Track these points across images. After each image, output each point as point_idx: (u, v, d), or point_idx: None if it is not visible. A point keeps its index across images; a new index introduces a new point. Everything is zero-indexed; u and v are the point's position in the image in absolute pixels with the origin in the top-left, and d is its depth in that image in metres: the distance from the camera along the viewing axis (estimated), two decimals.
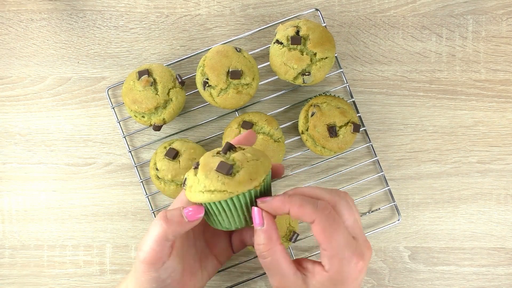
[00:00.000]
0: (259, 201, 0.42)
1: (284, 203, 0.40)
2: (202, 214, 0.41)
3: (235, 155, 0.42)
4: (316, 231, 0.40)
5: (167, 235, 0.41)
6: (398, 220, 0.66)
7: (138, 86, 0.60)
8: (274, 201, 0.41)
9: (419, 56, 0.67)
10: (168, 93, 0.60)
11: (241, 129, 0.61)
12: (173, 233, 0.41)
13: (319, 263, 0.41)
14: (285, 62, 0.60)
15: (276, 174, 0.46)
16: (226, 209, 0.41)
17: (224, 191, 0.40)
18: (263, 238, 0.40)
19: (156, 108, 0.60)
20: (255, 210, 0.41)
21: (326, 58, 0.60)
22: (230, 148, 0.43)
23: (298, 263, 0.43)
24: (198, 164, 0.43)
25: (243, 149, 0.43)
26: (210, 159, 0.42)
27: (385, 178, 0.66)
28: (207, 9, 0.67)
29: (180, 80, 0.62)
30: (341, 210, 0.41)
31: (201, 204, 0.42)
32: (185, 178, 0.43)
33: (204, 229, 0.49)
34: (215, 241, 0.49)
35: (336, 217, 0.40)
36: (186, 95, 0.64)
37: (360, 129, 0.63)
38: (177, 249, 0.44)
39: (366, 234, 0.63)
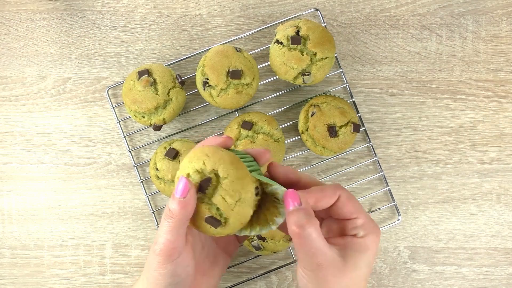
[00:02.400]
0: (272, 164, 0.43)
1: (309, 194, 0.42)
2: (189, 187, 0.40)
3: (217, 202, 0.41)
4: (343, 204, 0.42)
5: (178, 224, 0.41)
6: (398, 220, 0.66)
7: (138, 86, 0.60)
8: (303, 194, 0.42)
9: (419, 56, 0.67)
10: (168, 93, 0.60)
11: (241, 129, 0.61)
12: (180, 220, 0.41)
13: (347, 236, 0.43)
14: (285, 62, 0.60)
15: (260, 161, 0.45)
16: None
17: (221, 232, 0.41)
18: (303, 216, 0.40)
19: (156, 108, 0.60)
20: (290, 192, 0.41)
21: (326, 58, 0.60)
22: (206, 185, 0.42)
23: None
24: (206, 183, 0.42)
25: (219, 182, 0.41)
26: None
27: (385, 178, 0.66)
28: (207, 9, 0.67)
29: (180, 80, 0.62)
30: (347, 198, 0.44)
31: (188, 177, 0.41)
32: None
33: None
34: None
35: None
36: (186, 95, 0.64)
37: (360, 129, 0.63)
38: (190, 242, 0.44)
39: None
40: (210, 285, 0.47)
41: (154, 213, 0.66)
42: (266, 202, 0.45)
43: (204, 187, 0.40)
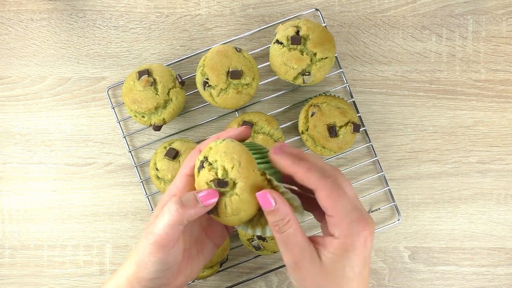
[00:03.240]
0: (273, 151, 0.43)
1: (293, 165, 0.42)
2: (216, 198, 0.41)
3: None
4: (321, 198, 0.41)
5: (182, 220, 0.41)
6: (398, 220, 0.66)
7: (138, 86, 0.60)
8: (284, 159, 0.42)
9: (419, 56, 0.67)
10: (168, 93, 0.60)
11: None
12: (188, 218, 0.42)
13: (328, 235, 0.42)
14: (285, 62, 0.60)
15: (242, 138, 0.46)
16: None
17: (233, 219, 0.42)
18: (279, 216, 0.41)
19: (156, 108, 0.60)
20: (260, 196, 0.41)
21: (326, 58, 0.60)
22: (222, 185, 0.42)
23: (310, 240, 0.44)
24: (203, 162, 0.42)
25: (233, 188, 0.42)
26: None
27: (385, 178, 0.66)
28: (207, 9, 0.67)
29: (180, 80, 0.62)
30: (342, 182, 0.43)
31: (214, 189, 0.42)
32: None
33: None
34: (210, 224, 0.49)
35: (340, 185, 0.42)
36: (186, 95, 0.64)
37: (360, 129, 0.63)
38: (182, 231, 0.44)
39: None
40: (192, 271, 0.47)
41: None
42: None
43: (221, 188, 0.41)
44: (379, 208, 0.66)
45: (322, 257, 0.41)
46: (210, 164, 0.41)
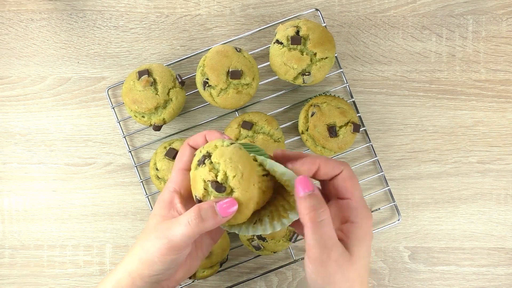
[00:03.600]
0: (279, 151, 0.44)
1: (314, 163, 0.43)
2: (235, 208, 0.41)
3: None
4: (344, 178, 0.43)
5: (200, 232, 0.42)
6: (398, 220, 0.66)
7: (138, 86, 0.60)
8: (305, 164, 0.43)
9: (419, 56, 0.67)
10: (168, 93, 0.60)
11: (241, 129, 0.61)
12: (206, 230, 0.42)
13: (343, 224, 0.43)
14: (285, 62, 0.60)
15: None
16: None
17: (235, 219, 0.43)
18: (317, 202, 0.41)
19: (156, 108, 0.60)
20: (301, 179, 0.41)
21: (326, 58, 0.60)
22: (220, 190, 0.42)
23: None
24: (205, 157, 0.42)
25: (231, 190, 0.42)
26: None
27: (385, 178, 0.66)
28: (207, 9, 0.67)
29: (180, 80, 0.62)
30: (351, 177, 0.44)
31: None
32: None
33: None
34: None
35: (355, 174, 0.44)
36: (186, 95, 0.64)
37: (360, 129, 0.63)
38: None
39: None
40: (191, 267, 0.47)
41: None
42: (276, 198, 0.45)
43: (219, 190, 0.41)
44: (379, 208, 0.66)
45: (350, 247, 0.42)
46: (212, 163, 0.41)
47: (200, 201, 0.42)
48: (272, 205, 0.45)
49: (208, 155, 0.41)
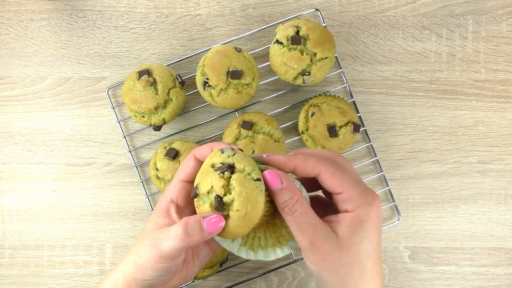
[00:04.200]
0: (265, 155, 0.43)
1: (289, 159, 0.42)
2: (223, 224, 0.41)
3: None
4: (326, 180, 0.42)
5: (188, 246, 0.42)
6: (398, 220, 0.66)
7: (138, 86, 0.60)
8: (279, 158, 0.43)
9: (419, 56, 0.67)
10: (168, 93, 0.60)
11: (241, 129, 0.61)
12: (193, 244, 0.42)
13: (341, 211, 0.43)
14: (285, 62, 0.60)
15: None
16: None
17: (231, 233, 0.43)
18: (287, 194, 0.41)
19: (156, 108, 0.60)
20: (267, 174, 0.41)
21: (326, 58, 0.60)
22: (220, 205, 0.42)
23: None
24: (228, 169, 0.42)
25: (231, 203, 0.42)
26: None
27: (385, 178, 0.66)
28: (207, 9, 0.67)
29: (180, 80, 0.62)
30: (341, 162, 0.44)
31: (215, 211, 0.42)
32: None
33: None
34: None
35: (339, 164, 0.43)
36: (186, 95, 0.64)
37: (360, 129, 0.63)
38: None
39: None
40: (187, 274, 0.47)
41: None
42: (275, 225, 0.45)
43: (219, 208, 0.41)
44: None
45: (338, 233, 0.41)
46: (230, 179, 0.41)
47: (196, 194, 0.42)
48: (270, 224, 0.45)
49: (231, 170, 0.41)
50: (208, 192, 0.42)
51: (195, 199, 0.43)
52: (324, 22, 0.66)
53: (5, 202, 0.67)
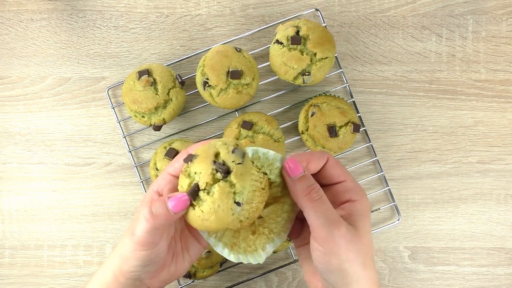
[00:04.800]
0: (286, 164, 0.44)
1: (302, 160, 0.43)
2: (186, 206, 0.41)
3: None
4: (332, 167, 0.44)
5: (156, 227, 0.42)
6: (398, 220, 0.66)
7: (138, 86, 0.60)
8: (294, 160, 0.43)
9: (419, 56, 0.67)
10: (168, 93, 0.60)
11: (241, 129, 0.61)
12: (162, 225, 0.42)
13: (346, 204, 0.44)
14: (285, 62, 0.60)
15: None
16: None
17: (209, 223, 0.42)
18: (309, 181, 0.42)
19: (156, 108, 0.60)
20: (291, 161, 0.42)
21: (326, 58, 0.60)
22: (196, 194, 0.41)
23: None
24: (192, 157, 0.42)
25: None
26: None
27: (385, 178, 0.66)
28: (207, 9, 0.67)
29: (180, 80, 0.62)
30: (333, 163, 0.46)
31: (186, 193, 0.41)
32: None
33: None
34: None
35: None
36: (186, 95, 0.64)
37: (360, 129, 0.63)
38: (166, 230, 0.45)
39: None
40: (177, 269, 0.47)
41: None
42: (259, 225, 0.45)
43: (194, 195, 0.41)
44: (379, 208, 0.66)
45: (355, 224, 0.42)
46: (215, 181, 0.40)
47: (188, 162, 0.42)
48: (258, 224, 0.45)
49: (225, 176, 0.40)
50: (195, 173, 0.41)
51: (183, 168, 0.42)
52: (324, 22, 0.66)
53: (5, 202, 0.67)
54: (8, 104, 0.67)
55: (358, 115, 0.66)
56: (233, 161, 0.40)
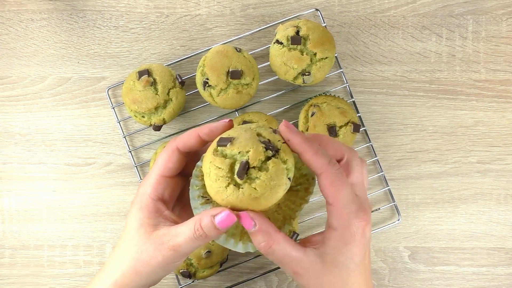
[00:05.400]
0: (284, 125, 0.41)
1: (303, 143, 0.40)
2: (234, 222, 0.40)
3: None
4: (324, 184, 0.40)
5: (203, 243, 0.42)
6: (398, 220, 0.66)
7: (138, 86, 0.60)
8: (295, 136, 0.41)
9: (419, 56, 0.67)
10: (168, 93, 0.60)
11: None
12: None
13: (326, 230, 0.42)
14: (285, 62, 0.60)
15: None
16: None
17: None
18: (261, 237, 0.40)
19: (156, 108, 0.60)
20: (241, 216, 0.40)
21: (326, 58, 0.60)
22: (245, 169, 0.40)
23: (306, 242, 0.43)
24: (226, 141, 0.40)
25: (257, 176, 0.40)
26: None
27: (385, 178, 0.66)
28: (207, 9, 0.67)
29: (180, 80, 0.62)
30: (353, 166, 0.43)
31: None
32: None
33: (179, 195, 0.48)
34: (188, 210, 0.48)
35: (344, 174, 0.41)
36: (186, 95, 0.64)
37: (360, 129, 0.63)
38: None
39: None
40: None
41: None
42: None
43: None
44: (379, 208, 0.66)
45: (322, 255, 0.41)
46: (266, 159, 0.39)
47: (224, 145, 0.40)
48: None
49: (274, 154, 0.39)
50: (239, 153, 0.39)
51: (211, 149, 0.40)
52: (324, 22, 0.66)
53: (5, 202, 0.67)
54: (8, 104, 0.67)
55: (358, 115, 0.66)
56: (278, 140, 0.40)
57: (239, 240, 0.43)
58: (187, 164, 0.46)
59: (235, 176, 0.39)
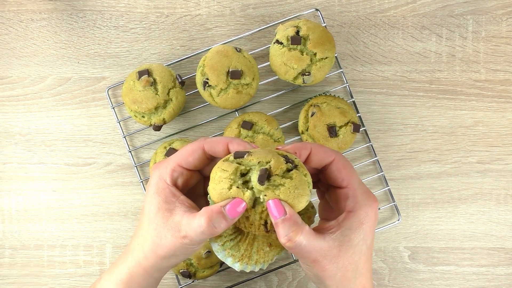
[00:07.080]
0: (280, 147, 0.43)
1: (306, 147, 0.43)
2: (244, 206, 0.40)
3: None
4: (337, 168, 0.43)
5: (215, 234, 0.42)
6: (398, 220, 0.66)
7: (138, 86, 0.60)
8: (297, 147, 0.43)
9: (419, 56, 0.67)
10: (168, 93, 0.60)
11: (241, 129, 0.61)
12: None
13: (340, 214, 0.43)
14: (285, 62, 0.60)
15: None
16: None
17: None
18: (290, 227, 0.40)
19: (156, 108, 0.60)
20: (271, 203, 0.40)
21: (326, 58, 0.60)
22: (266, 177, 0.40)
23: (321, 229, 0.43)
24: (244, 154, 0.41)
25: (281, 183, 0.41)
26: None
27: (385, 178, 0.66)
28: (207, 9, 0.67)
29: (180, 80, 0.62)
30: (345, 165, 0.45)
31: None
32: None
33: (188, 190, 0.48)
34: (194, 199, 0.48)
35: (348, 160, 0.44)
36: (186, 95, 0.64)
37: (360, 129, 0.63)
38: None
39: None
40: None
41: None
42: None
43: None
44: (379, 208, 0.66)
45: (340, 239, 0.42)
46: (287, 171, 0.40)
47: (241, 156, 0.41)
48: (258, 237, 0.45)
49: (294, 167, 0.40)
50: (258, 163, 0.40)
51: (226, 159, 0.41)
52: (324, 22, 0.66)
53: (5, 202, 0.67)
54: (8, 104, 0.67)
55: (358, 115, 0.66)
56: (295, 158, 0.42)
57: (237, 261, 0.44)
58: (207, 165, 0.46)
59: (256, 182, 0.40)
